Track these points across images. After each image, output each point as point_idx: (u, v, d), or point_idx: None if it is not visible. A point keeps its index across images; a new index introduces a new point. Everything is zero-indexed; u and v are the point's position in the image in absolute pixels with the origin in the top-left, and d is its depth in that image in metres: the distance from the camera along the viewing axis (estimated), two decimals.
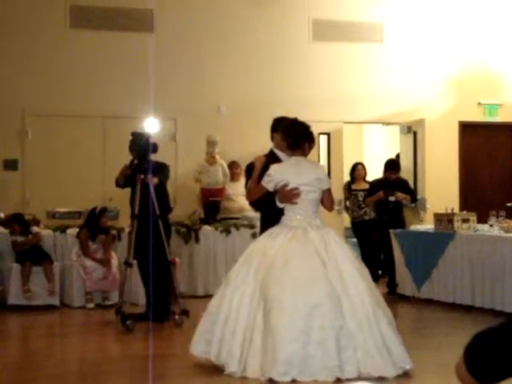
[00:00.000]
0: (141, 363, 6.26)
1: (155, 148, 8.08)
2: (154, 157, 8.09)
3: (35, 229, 9.79)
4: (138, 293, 9.37)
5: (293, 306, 5.44)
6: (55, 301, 9.56)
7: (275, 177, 5.97)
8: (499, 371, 2.00)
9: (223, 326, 5.62)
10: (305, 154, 6.08)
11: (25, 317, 9.03)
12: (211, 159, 11.37)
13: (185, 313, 7.95)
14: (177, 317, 7.92)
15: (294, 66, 12.41)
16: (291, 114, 6.63)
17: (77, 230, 9.97)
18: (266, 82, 12.27)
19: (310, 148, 6.15)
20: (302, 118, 6.55)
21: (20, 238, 9.63)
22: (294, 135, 6.02)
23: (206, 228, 10.60)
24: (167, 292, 8.41)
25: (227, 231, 10.55)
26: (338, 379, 5.40)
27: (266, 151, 6.61)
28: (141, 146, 8.01)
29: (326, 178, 6.12)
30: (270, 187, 5.98)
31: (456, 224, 9.33)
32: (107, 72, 11.69)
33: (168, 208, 8.66)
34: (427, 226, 10.60)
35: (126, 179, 8.32)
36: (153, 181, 7.99)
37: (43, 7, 11.58)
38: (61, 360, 6.79)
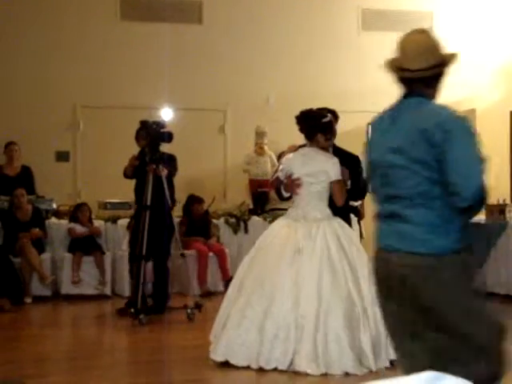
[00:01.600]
0: (195, 352, 6.32)
1: (170, 137, 7.88)
2: (163, 148, 7.95)
3: (95, 221, 9.98)
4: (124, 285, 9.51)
5: (248, 292, 5.68)
6: (107, 290, 9.70)
7: (285, 166, 6.05)
8: None
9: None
10: (319, 145, 6.00)
11: (77, 306, 9.18)
12: (260, 150, 11.39)
13: (198, 307, 7.90)
14: (189, 310, 7.83)
15: (343, 56, 12.36)
16: (339, 105, 6.63)
17: (127, 220, 10.09)
18: (315, 73, 12.23)
19: (327, 139, 6.03)
20: (349, 109, 6.55)
21: (79, 228, 9.77)
22: (305, 127, 6.01)
23: (255, 219, 10.64)
24: (167, 284, 8.41)
25: None
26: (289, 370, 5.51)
27: None
28: (153, 135, 7.81)
29: (334, 170, 5.95)
30: (281, 176, 6.05)
31: (508, 215, 9.23)
32: (158, 64, 11.76)
33: (173, 201, 8.47)
34: (479, 217, 10.47)
35: (134, 170, 8.20)
36: (164, 172, 7.84)
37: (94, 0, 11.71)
38: (112, 349, 6.89)
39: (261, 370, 5.55)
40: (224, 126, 12.07)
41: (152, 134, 7.82)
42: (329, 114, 6.15)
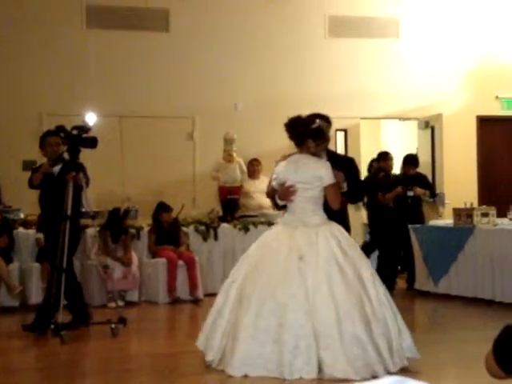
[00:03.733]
0: (161, 361, 6.28)
1: (94, 143, 7.40)
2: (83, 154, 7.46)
3: None
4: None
5: (258, 303, 5.58)
6: None
7: (277, 175, 6.04)
8: None
9: (214, 318, 5.85)
10: (310, 151, 5.98)
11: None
12: (229, 157, 11.39)
13: (122, 321, 7.53)
14: (113, 325, 7.40)
15: (310, 63, 12.41)
16: (307, 111, 6.62)
17: (95, 229, 10.02)
18: (283, 79, 12.27)
19: (318, 144, 6.01)
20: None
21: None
22: (294, 134, 6.00)
23: (225, 226, 10.62)
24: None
25: (246, 229, 10.56)
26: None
27: (283, 148, 6.61)
28: (74, 140, 7.29)
29: (327, 175, 5.91)
30: (275, 185, 6.05)
31: (475, 218, 9.30)
32: (125, 72, 11.72)
33: (93, 212, 8.14)
34: (446, 220, 10.56)
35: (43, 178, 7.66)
36: (83, 180, 7.46)
37: (59, 7, 11.64)
38: (81, 357, 6.83)
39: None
40: (192, 132, 12.06)
41: (73, 139, 7.31)
42: (317, 120, 6.15)
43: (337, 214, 5.97)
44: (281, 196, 5.99)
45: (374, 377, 5.31)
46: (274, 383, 5.42)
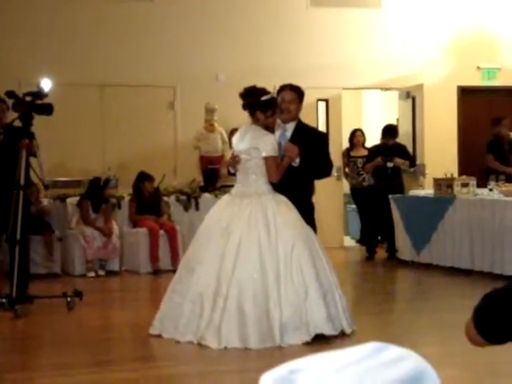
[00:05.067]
0: (142, 331, 6.30)
1: (50, 109, 7.04)
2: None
3: (44, 200, 9.83)
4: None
5: (184, 265, 6.04)
6: (56, 269, 9.62)
7: (233, 144, 6.29)
8: (508, 331, 2.04)
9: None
10: (260, 123, 6.02)
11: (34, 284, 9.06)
12: (210, 127, 11.36)
13: (78, 294, 7.23)
14: (69, 299, 7.12)
15: (291, 33, 12.35)
16: (289, 81, 6.61)
17: (76, 199, 10.00)
18: (264, 50, 12.21)
19: (267, 117, 6.01)
20: (300, 84, 6.54)
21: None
22: (245, 105, 6.09)
23: (206, 196, 10.63)
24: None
25: None
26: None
27: None
28: (28, 106, 6.89)
29: (266, 146, 5.95)
30: (231, 153, 6.35)
31: (456, 188, 9.36)
32: (106, 40, 11.62)
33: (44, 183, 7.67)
34: (426, 191, 10.62)
35: None
36: (37, 148, 7.14)
37: None
38: (64, 327, 6.84)
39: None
40: (174, 102, 12.00)
41: (25, 105, 6.89)
42: (271, 92, 6.15)
43: (290, 188, 5.99)
44: (228, 164, 6.25)
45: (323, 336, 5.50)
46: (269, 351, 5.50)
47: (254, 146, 5.97)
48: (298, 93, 6.34)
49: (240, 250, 5.70)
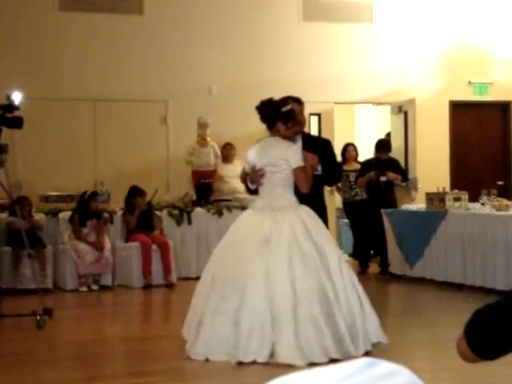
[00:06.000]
0: (134, 345, 6.28)
1: (20, 123, 7.00)
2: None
3: (36, 215, 9.80)
4: None
5: (221, 287, 5.65)
6: (49, 283, 9.58)
7: (249, 159, 6.07)
8: (499, 347, 2.04)
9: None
10: (281, 134, 5.96)
11: (18, 300, 9.03)
12: (202, 141, 11.37)
13: (47, 312, 7.07)
14: (38, 317, 6.95)
15: (284, 47, 12.39)
16: (281, 95, 6.62)
17: (69, 213, 9.98)
18: (257, 63, 12.25)
19: (288, 128, 5.97)
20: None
21: (19, 221, 9.58)
22: (265, 117, 5.99)
23: (199, 210, 10.62)
24: None
25: (219, 213, 10.57)
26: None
27: (257, 132, 6.61)
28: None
29: (295, 157, 5.89)
30: (247, 169, 6.10)
31: (448, 203, 9.38)
32: (98, 55, 11.63)
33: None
34: (419, 205, 10.64)
35: None
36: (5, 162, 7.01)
37: None
38: (55, 342, 6.81)
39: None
40: (166, 116, 12.00)
41: None
42: (290, 102, 6.12)
43: (312, 197, 5.97)
44: (251, 180, 6.02)
45: (333, 360, 5.35)
46: (231, 367, 5.45)
47: (283, 157, 5.88)
48: (301, 104, 6.37)
49: (301, 260, 5.60)
